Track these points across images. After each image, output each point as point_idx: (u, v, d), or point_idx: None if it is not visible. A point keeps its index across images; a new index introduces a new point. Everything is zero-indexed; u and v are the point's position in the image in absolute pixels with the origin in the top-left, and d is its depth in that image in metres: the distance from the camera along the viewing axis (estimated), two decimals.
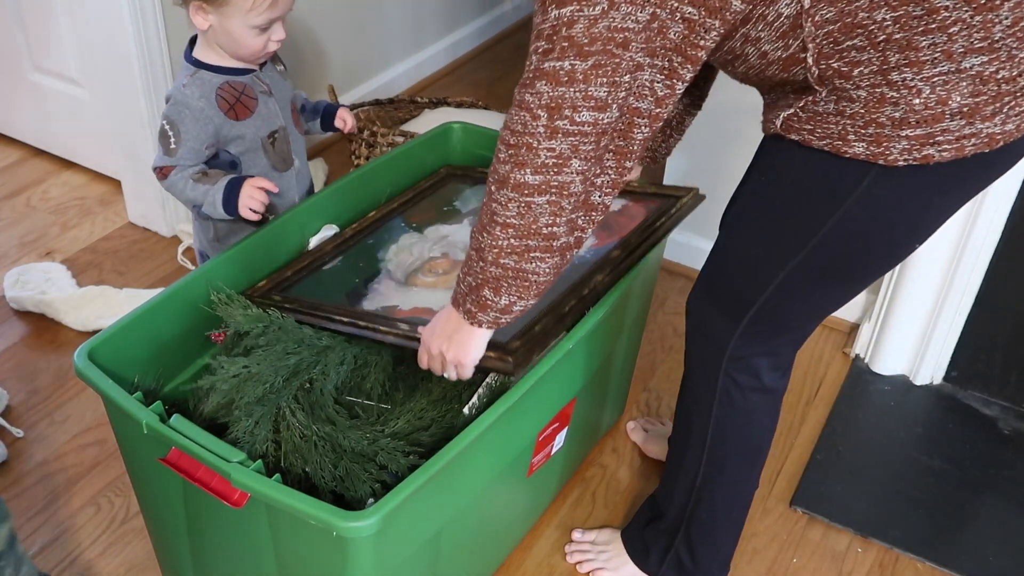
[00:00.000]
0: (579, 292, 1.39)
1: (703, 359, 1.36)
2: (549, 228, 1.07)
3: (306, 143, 2.76)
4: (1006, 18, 0.96)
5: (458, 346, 1.20)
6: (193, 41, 1.55)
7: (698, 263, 2.29)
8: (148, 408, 1.21)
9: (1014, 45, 0.98)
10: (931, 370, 2.03)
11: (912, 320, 1.98)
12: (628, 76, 1.00)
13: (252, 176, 1.54)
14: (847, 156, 1.06)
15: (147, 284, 2.22)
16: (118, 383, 1.25)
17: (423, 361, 1.27)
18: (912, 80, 0.99)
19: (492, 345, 1.22)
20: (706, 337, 1.34)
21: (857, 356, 2.10)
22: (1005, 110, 1.00)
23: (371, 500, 1.28)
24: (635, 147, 1.07)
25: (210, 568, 1.40)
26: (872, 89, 1.01)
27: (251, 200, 1.49)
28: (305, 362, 1.40)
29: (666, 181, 2.23)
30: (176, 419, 1.19)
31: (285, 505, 1.10)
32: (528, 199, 1.05)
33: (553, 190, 1.04)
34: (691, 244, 2.28)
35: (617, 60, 0.98)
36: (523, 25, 3.65)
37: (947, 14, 0.96)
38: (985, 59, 0.97)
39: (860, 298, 2.14)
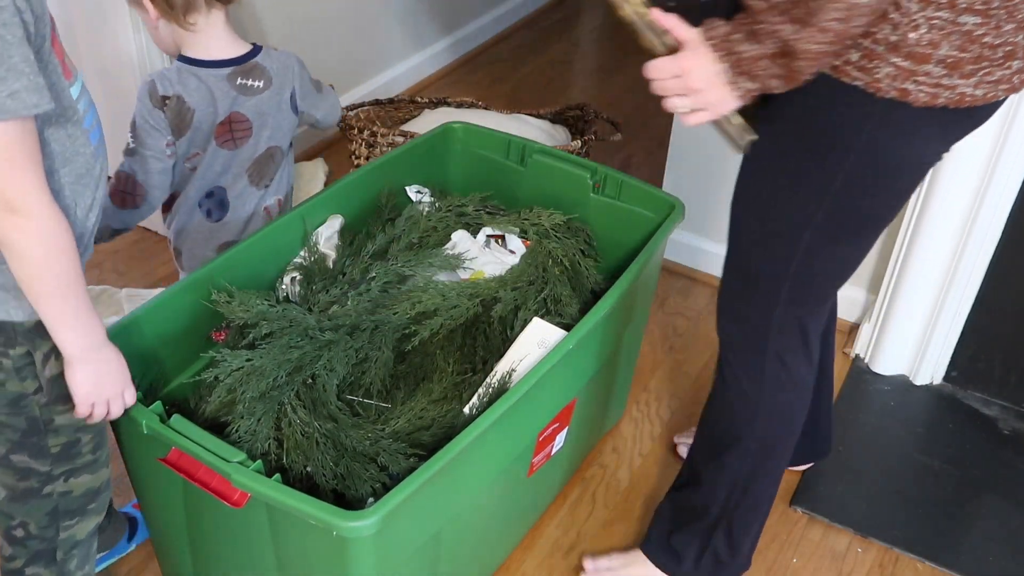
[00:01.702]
0: None
1: (744, 350, 1.36)
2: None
3: (306, 141, 2.77)
4: None
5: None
6: None
7: (698, 263, 2.32)
8: (148, 408, 1.21)
9: (1003, 16, 1.03)
10: (931, 370, 2.04)
11: (912, 320, 1.98)
12: None
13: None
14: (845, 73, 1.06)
15: (147, 284, 2.22)
16: None
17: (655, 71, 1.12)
18: (916, 12, 1.02)
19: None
20: (744, 328, 1.34)
21: (857, 356, 2.10)
22: (980, 74, 1.05)
23: (371, 499, 1.28)
24: None
25: (210, 568, 1.40)
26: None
27: None
28: (308, 356, 1.40)
29: (665, 186, 2.23)
30: (176, 419, 1.19)
31: (285, 505, 1.11)
32: None
33: None
34: (691, 244, 2.28)
35: None
36: (524, 25, 3.65)
37: None
38: (979, 20, 1.02)
39: (860, 298, 2.14)
